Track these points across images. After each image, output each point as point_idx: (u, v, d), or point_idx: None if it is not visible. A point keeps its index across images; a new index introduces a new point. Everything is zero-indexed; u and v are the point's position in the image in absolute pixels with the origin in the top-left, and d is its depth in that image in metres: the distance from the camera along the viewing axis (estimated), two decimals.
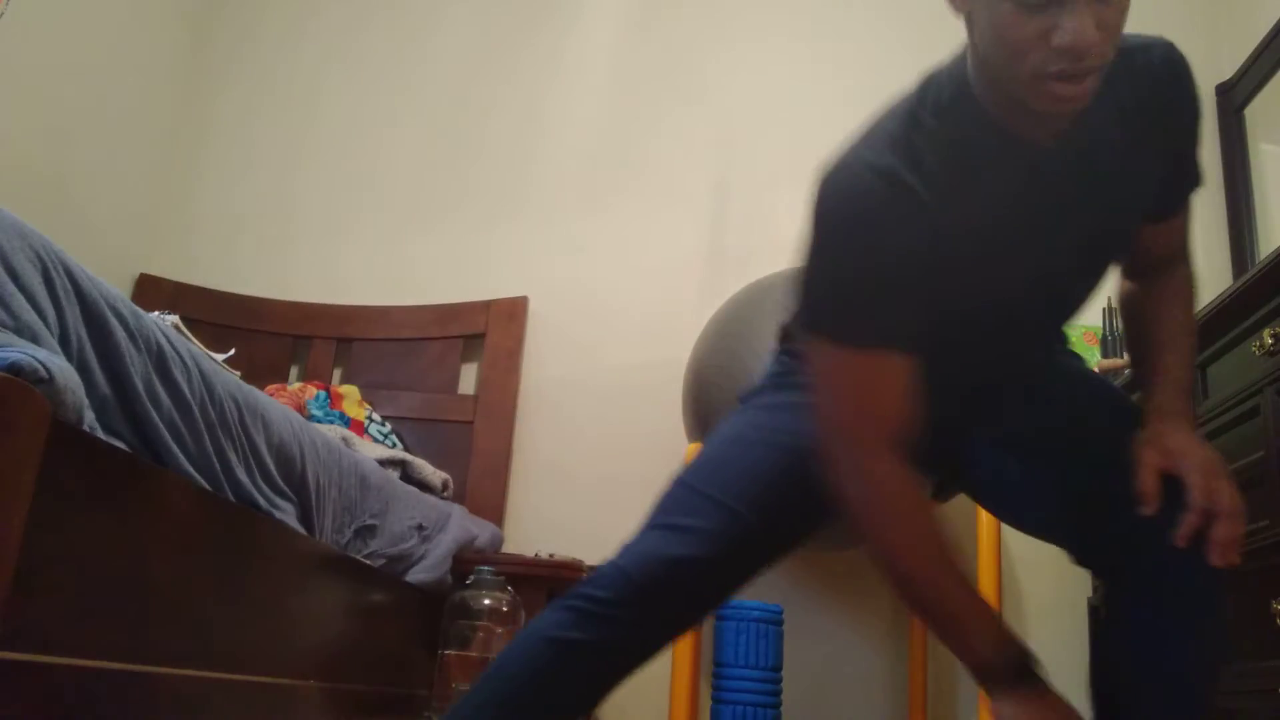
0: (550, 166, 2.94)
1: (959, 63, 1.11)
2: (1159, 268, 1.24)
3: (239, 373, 1.74)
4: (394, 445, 2.45)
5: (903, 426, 1.06)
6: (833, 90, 2.86)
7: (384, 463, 2.13)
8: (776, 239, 2.76)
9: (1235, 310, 1.75)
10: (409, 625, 2.02)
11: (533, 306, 2.78)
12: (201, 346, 1.46)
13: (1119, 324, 2.52)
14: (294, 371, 2.82)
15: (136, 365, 1.13)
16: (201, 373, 1.28)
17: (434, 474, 2.35)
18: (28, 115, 2.45)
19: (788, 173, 2.82)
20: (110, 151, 2.76)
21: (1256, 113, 2.59)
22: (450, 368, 2.75)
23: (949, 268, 1.06)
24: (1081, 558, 1.22)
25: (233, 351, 2.32)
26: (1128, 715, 1.11)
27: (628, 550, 1.18)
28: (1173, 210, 1.22)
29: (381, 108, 3.07)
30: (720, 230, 2.81)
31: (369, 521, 1.84)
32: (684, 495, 1.22)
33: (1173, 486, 1.07)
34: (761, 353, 2.11)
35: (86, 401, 1.02)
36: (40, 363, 0.90)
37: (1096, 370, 2.49)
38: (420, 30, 3.12)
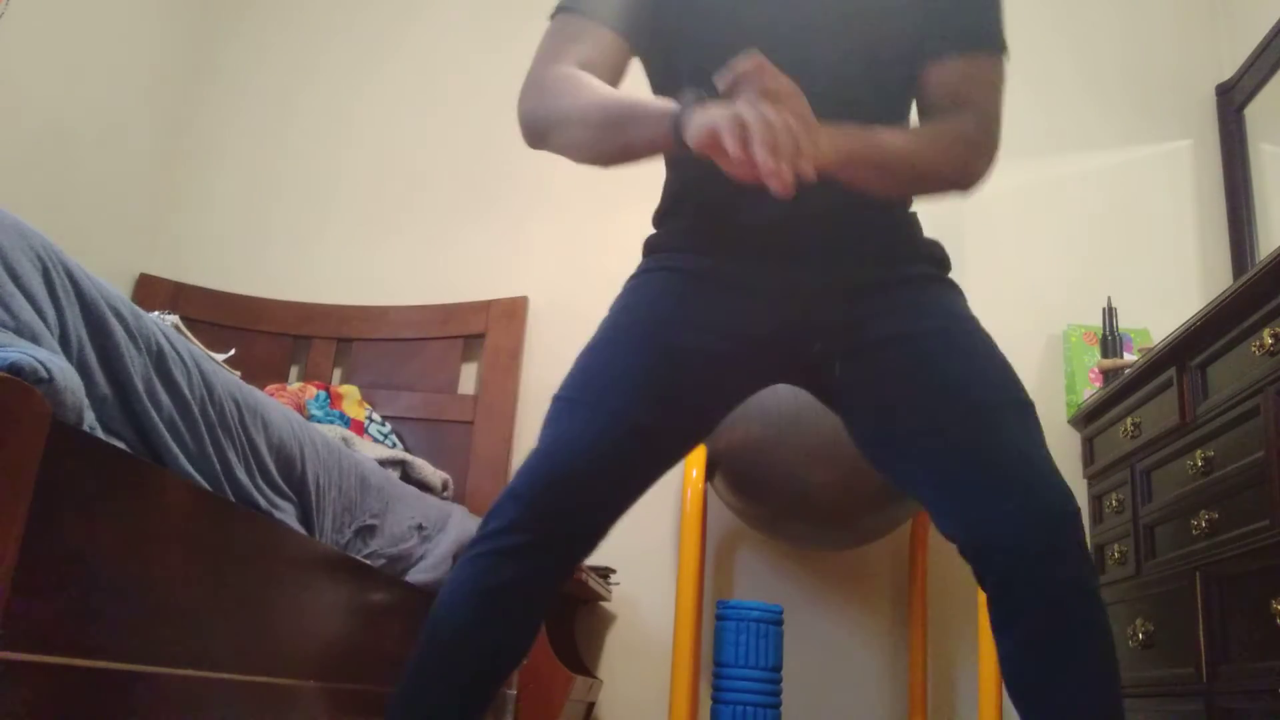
0: (550, 166, 2.94)
1: None
2: (940, 112, 1.23)
3: (239, 373, 1.74)
4: (394, 445, 2.45)
5: (591, 70, 1.20)
6: None
7: (384, 463, 2.13)
8: None
9: (1235, 310, 1.75)
10: (409, 625, 2.02)
11: (533, 306, 2.78)
12: (201, 346, 1.46)
13: (1118, 324, 2.53)
14: (294, 371, 2.82)
15: (136, 365, 1.13)
16: (201, 373, 1.28)
17: (434, 474, 2.35)
18: (28, 115, 2.45)
19: None
20: (110, 151, 2.76)
21: (1256, 113, 2.59)
22: (450, 368, 2.75)
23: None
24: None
25: (233, 351, 2.32)
26: None
27: (518, 474, 1.19)
28: (937, 52, 1.23)
29: (382, 108, 3.07)
30: None
31: (369, 521, 1.84)
32: (560, 408, 1.24)
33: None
34: None
35: (86, 401, 1.02)
36: (40, 363, 0.90)
37: (1095, 369, 2.49)
38: (421, 31, 3.13)
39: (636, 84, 1.27)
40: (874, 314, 1.22)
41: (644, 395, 1.21)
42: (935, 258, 1.30)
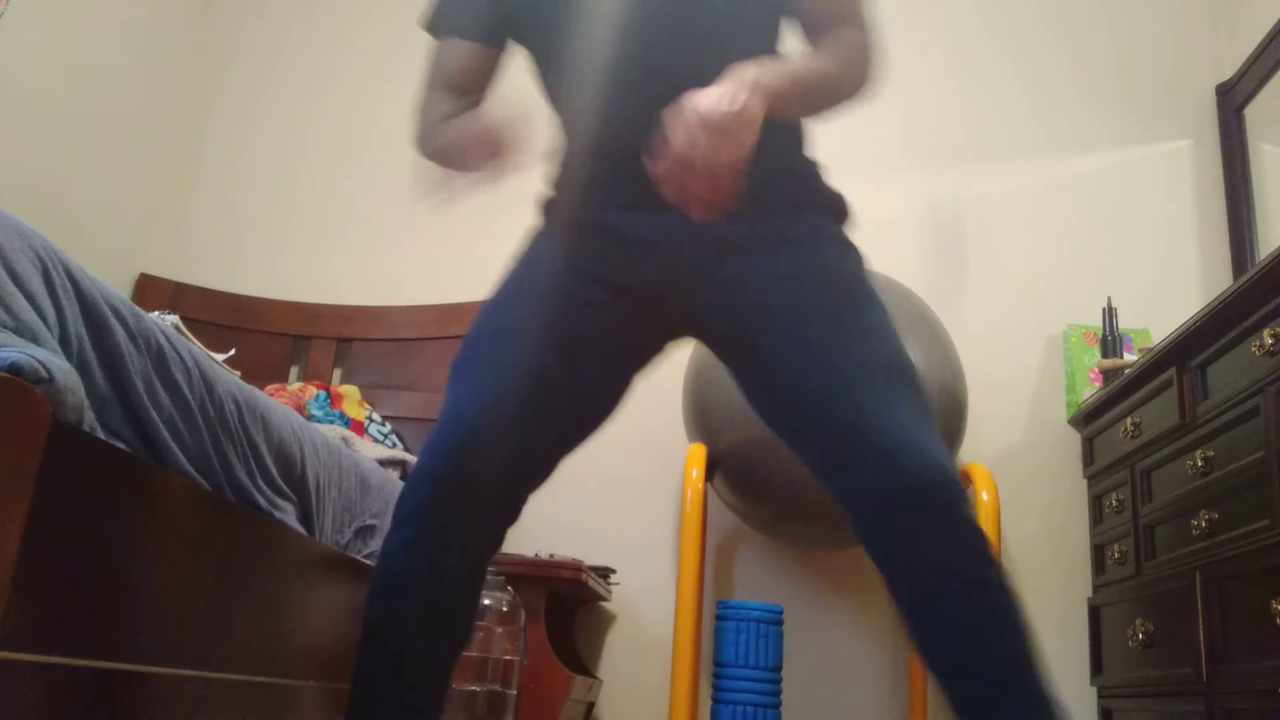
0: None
1: None
2: (824, 29, 1.28)
3: (239, 373, 1.74)
4: (394, 445, 2.45)
5: (459, 86, 1.36)
6: None
7: (384, 463, 2.13)
8: None
9: (1235, 310, 1.75)
10: None
11: None
12: (201, 346, 1.46)
13: (1118, 324, 2.53)
14: (294, 371, 2.82)
15: (136, 365, 1.13)
16: (201, 373, 1.28)
17: None
18: (27, 116, 2.45)
19: None
20: (110, 152, 2.76)
21: (1256, 113, 2.59)
22: (450, 368, 2.74)
23: None
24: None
25: (233, 351, 2.32)
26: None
27: (424, 450, 1.18)
28: None
29: (382, 108, 3.07)
30: None
31: (369, 521, 1.84)
32: (458, 373, 1.24)
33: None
34: None
35: (86, 401, 1.02)
36: (40, 363, 0.90)
37: (1095, 369, 2.49)
38: (421, 31, 3.12)
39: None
40: (761, 273, 1.22)
41: (543, 342, 1.21)
42: (830, 207, 1.30)
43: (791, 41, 1.33)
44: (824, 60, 1.22)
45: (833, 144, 2.93)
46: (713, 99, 1.05)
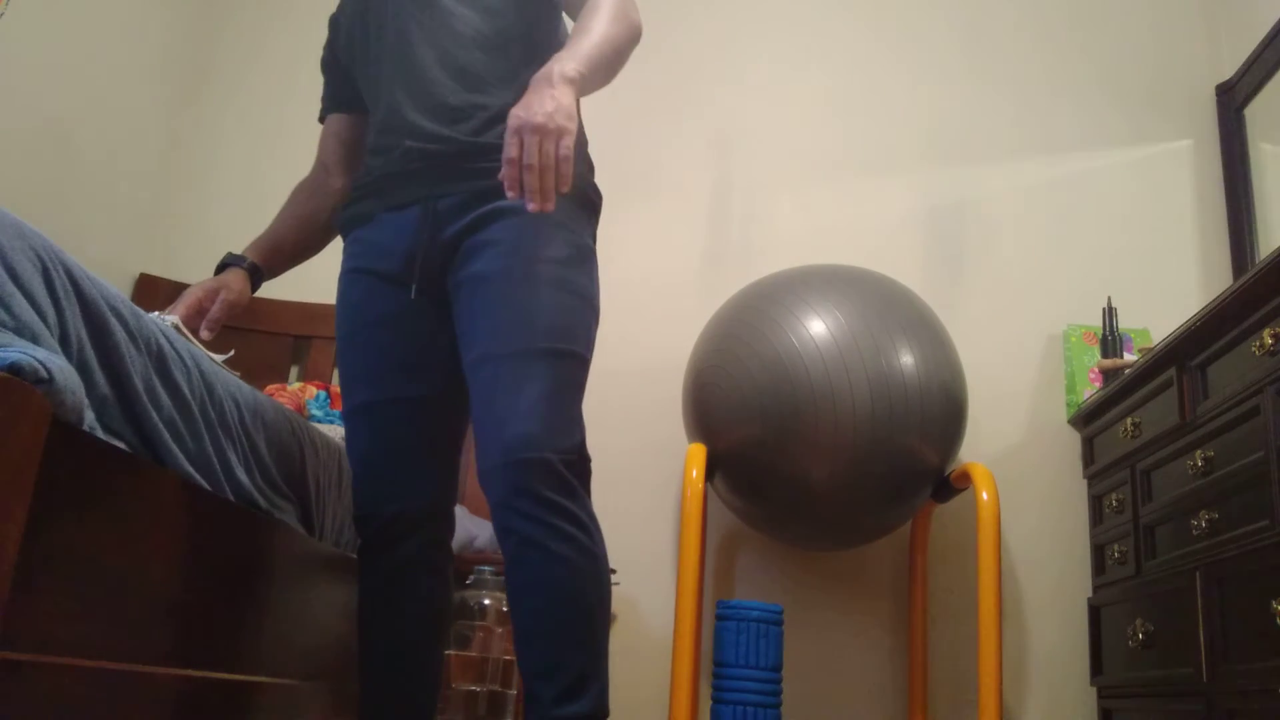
0: None
1: None
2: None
3: (239, 373, 1.74)
4: None
5: (338, 159, 1.77)
6: (831, 91, 2.87)
7: None
8: (776, 239, 2.76)
9: (1235, 310, 1.75)
10: None
11: None
12: (202, 346, 1.46)
13: (1118, 324, 2.53)
14: (294, 371, 2.82)
15: (136, 365, 1.13)
16: (201, 373, 1.28)
17: None
18: (28, 115, 2.45)
19: (787, 173, 2.82)
20: (110, 151, 2.76)
21: (1256, 113, 2.59)
22: None
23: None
24: None
25: (233, 352, 2.32)
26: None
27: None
28: None
29: None
30: (720, 230, 2.81)
31: None
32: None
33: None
34: (761, 353, 2.11)
35: (86, 401, 1.02)
36: (40, 363, 0.90)
37: (1095, 369, 2.49)
38: None
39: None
40: (466, 251, 1.40)
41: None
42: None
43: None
44: (599, 29, 1.34)
45: (836, 145, 2.94)
46: (528, 105, 1.20)
